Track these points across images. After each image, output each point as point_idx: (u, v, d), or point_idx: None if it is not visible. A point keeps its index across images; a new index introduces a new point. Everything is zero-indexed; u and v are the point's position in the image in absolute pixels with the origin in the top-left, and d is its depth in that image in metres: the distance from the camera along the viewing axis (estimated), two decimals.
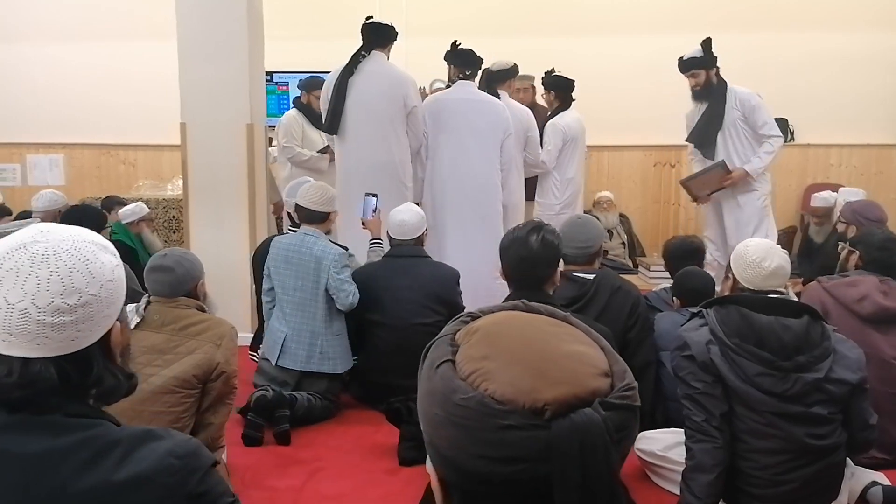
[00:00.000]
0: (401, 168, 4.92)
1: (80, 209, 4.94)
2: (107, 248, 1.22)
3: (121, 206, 5.77)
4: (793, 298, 3.12)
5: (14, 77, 7.96)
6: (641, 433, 3.27)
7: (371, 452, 3.52)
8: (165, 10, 5.27)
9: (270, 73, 6.65)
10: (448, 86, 5.38)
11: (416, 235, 4.15)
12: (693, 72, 5.14)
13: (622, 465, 0.85)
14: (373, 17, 4.91)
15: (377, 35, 4.86)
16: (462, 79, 5.10)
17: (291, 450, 3.55)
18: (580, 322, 0.92)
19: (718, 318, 2.61)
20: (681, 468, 2.69)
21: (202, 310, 2.92)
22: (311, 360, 3.92)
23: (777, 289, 2.74)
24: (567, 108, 5.82)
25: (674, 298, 3.78)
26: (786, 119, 7.04)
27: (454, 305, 4.01)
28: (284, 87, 7.46)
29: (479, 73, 5.41)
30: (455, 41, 5.15)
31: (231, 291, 4.29)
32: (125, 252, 4.87)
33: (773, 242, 2.85)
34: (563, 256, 3.42)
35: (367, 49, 4.86)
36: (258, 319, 4.37)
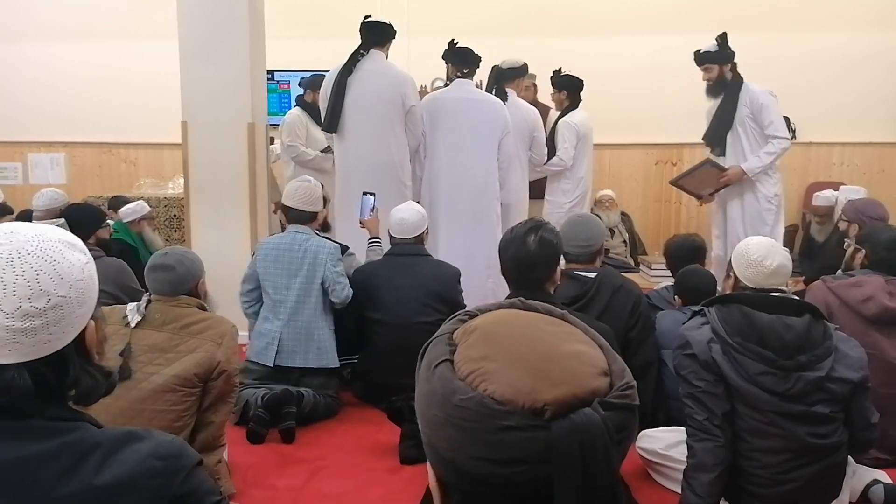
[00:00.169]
0: (399, 167, 4.92)
1: (80, 207, 4.94)
2: (75, 246, 1.17)
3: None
4: (794, 297, 3.11)
5: (15, 76, 7.97)
6: (643, 432, 3.27)
7: (372, 451, 3.52)
8: (166, 9, 5.27)
9: (272, 72, 6.66)
10: (446, 84, 5.37)
11: (417, 234, 4.15)
12: (706, 66, 5.06)
13: (622, 464, 0.85)
14: (371, 16, 4.91)
15: (376, 34, 4.86)
16: (460, 77, 5.10)
17: (293, 448, 3.55)
18: (578, 320, 0.91)
19: (720, 317, 2.60)
20: (682, 467, 2.69)
21: (203, 308, 2.93)
22: (310, 356, 3.92)
23: (778, 287, 2.73)
24: (576, 108, 5.84)
25: (675, 297, 3.78)
26: (787, 118, 7.01)
27: (455, 304, 4.00)
28: (286, 86, 7.47)
29: (489, 71, 5.42)
30: (453, 40, 5.15)
31: (232, 290, 4.28)
32: (126, 251, 4.88)
33: (774, 241, 2.84)
34: (565, 255, 3.42)
35: (366, 48, 4.87)
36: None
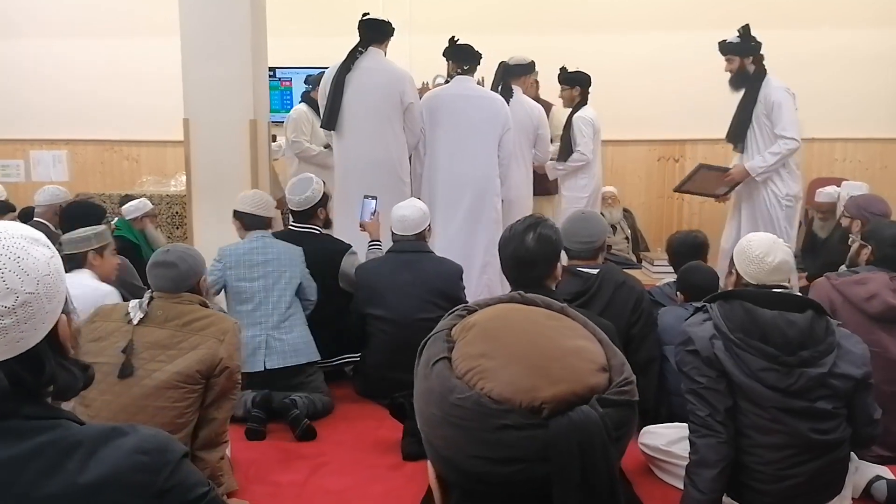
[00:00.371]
0: (398, 164, 4.93)
1: (80, 204, 4.93)
2: (38, 241, 1.15)
3: None
4: (796, 293, 3.11)
5: (18, 73, 7.96)
6: (645, 428, 3.27)
7: (375, 448, 3.52)
8: (169, 7, 5.26)
9: (273, 69, 6.65)
10: (447, 81, 5.37)
11: (419, 231, 4.15)
12: (728, 56, 5.01)
13: (621, 460, 0.84)
14: (369, 14, 4.92)
15: (374, 31, 4.88)
16: (460, 74, 5.09)
17: (295, 445, 3.55)
18: (578, 314, 0.90)
19: (722, 313, 2.60)
20: (685, 463, 2.69)
21: (205, 305, 2.93)
22: (299, 352, 3.94)
23: (781, 283, 2.73)
24: (586, 104, 5.84)
25: (677, 293, 3.78)
26: None
27: (458, 300, 3.99)
28: (287, 83, 7.46)
29: (496, 68, 5.42)
30: (453, 37, 5.15)
31: None
32: (128, 248, 4.87)
33: (776, 237, 2.83)
34: (567, 251, 3.42)
35: (364, 45, 4.88)
36: None
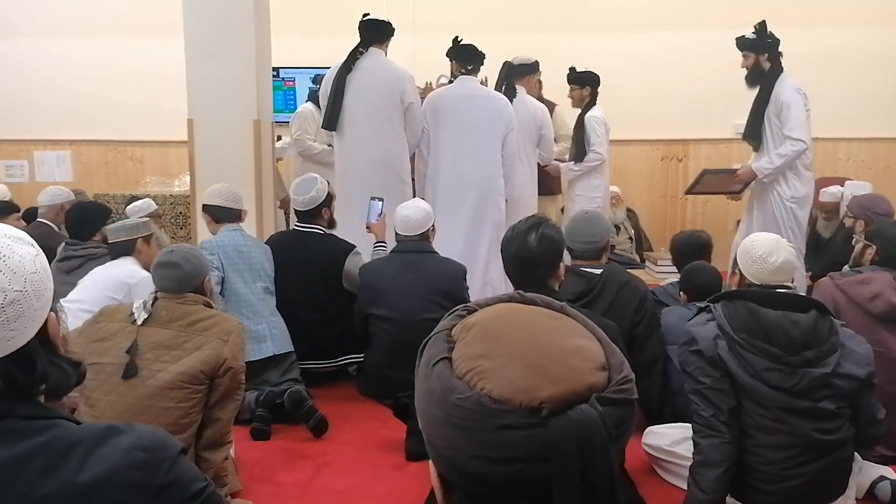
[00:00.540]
0: (398, 164, 4.94)
1: (84, 205, 4.92)
2: (23, 240, 1.15)
3: None
4: (800, 293, 3.11)
5: (21, 73, 7.97)
6: (648, 428, 3.28)
7: (378, 447, 3.53)
8: (172, 6, 5.27)
9: (277, 69, 6.65)
10: (450, 81, 5.37)
11: (422, 231, 4.15)
12: (744, 53, 5.00)
13: (623, 460, 0.84)
14: (369, 14, 4.94)
15: (374, 32, 4.90)
16: (464, 74, 5.10)
17: (299, 445, 3.56)
18: (577, 313, 0.90)
19: (726, 313, 2.60)
20: (688, 463, 2.69)
21: (209, 306, 2.94)
22: (288, 340, 4.05)
23: (784, 283, 2.73)
24: (595, 104, 5.84)
25: (680, 293, 3.78)
26: None
27: (461, 301, 3.99)
28: (291, 84, 7.45)
29: (500, 67, 5.43)
30: (457, 37, 5.16)
31: None
32: None
33: (780, 237, 2.83)
34: (570, 251, 3.42)
35: (365, 46, 4.89)
36: None
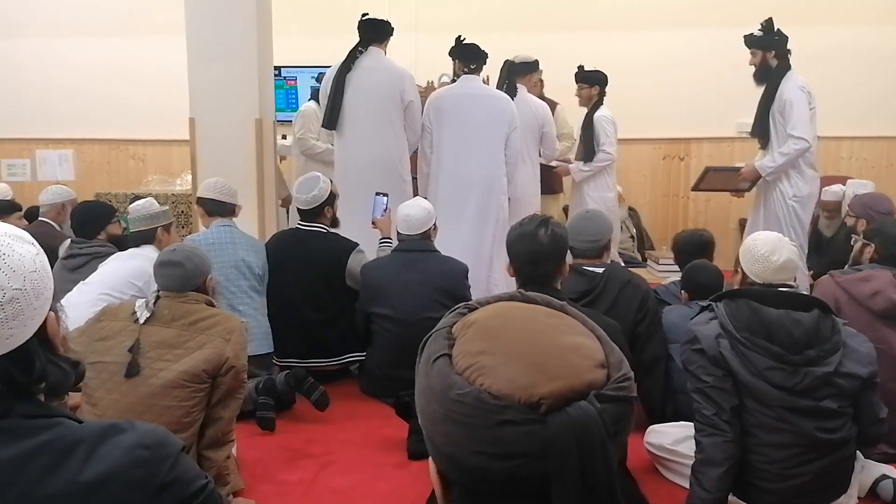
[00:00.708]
0: (398, 163, 4.96)
1: (90, 203, 4.92)
2: (23, 238, 1.15)
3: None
4: (802, 292, 3.10)
5: (24, 72, 7.98)
6: (651, 427, 3.27)
7: (380, 446, 3.53)
8: (173, 5, 5.27)
9: (278, 68, 6.65)
10: (453, 80, 5.38)
11: (424, 230, 4.15)
12: (751, 50, 5.00)
13: (625, 458, 0.85)
14: (370, 14, 4.96)
15: (374, 31, 4.92)
16: (467, 73, 5.10)
17: (301, 444, 3.56)
18: (577, 311, 0.91)
19: (728, 312, 2.60)
20: (690, 462, 2.69)
21: (211, 305, 2.94)
22: (268, 341, 4.12)
23: (786, 282, 2.73)
24: (602, 103, 5.84)
25: (682, 291, 3.78)
26: None
27: (463, 299, 3.97)
28: (293, 83, 7.45)
29: (501, 66, 5.44)
30: (459, 36, 5.16)
31: None
32: None
33: (782, 236, 2.83)
34: (572, 250, 3.43)
35: (364, 45, 4.91)
36: (267, 315, 4.40)
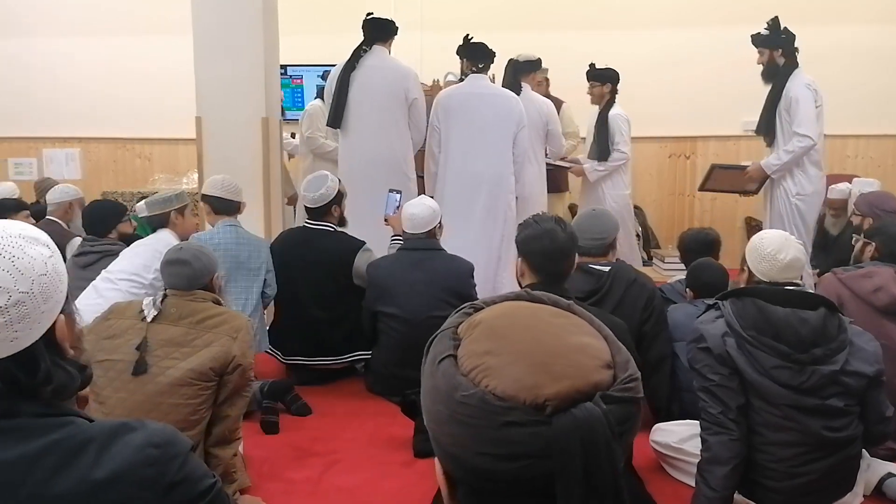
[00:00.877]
0: (403, 161, 4.97)
1: (101, 202, 4.93)
2: (38, 240, 1.14)
3: None
4: (809, 290, 3.10)
5: (31, 72, 8.00)
6: (657, 425, 3.28)
7: (387, 445, 3.54)
8: (181, 4, 5.29)
9: (284, 67, 6.66)
10: (461, 79, 5.38)
11: (429, 229, 4.15)
12: (759, 49, 5.01)
13: (631, 457, 0.85)
14: (373, 13, 4.98)
15: (378, 30, 4.94)
16: (475, 72, 5.10)
17: (307, 442, 3.57)
18: (584, 311, 0.90)
19: (735, 311, 2.60)
20: (696, 460, 2.69)
21: (218, 303, 2.94)
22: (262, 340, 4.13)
23: (793, 281, 2.73)
24: (614, 101, 5.85)
25: (687, 290, 3.78)
26: None
27: (468, 298, 3.94)
28: (299, 81, 7.47)
29: (506, 65, 5.45)
30: (467, 35, 5.17)
31: None
32: None
33: (789, 234, 2.83)
34: (578, 248, 3.43)
35: (369, 44, 4.93)
36: (274, 313, 4.41)
